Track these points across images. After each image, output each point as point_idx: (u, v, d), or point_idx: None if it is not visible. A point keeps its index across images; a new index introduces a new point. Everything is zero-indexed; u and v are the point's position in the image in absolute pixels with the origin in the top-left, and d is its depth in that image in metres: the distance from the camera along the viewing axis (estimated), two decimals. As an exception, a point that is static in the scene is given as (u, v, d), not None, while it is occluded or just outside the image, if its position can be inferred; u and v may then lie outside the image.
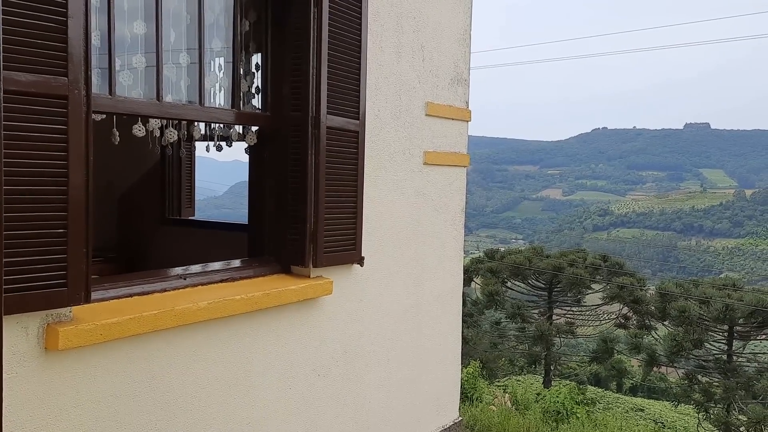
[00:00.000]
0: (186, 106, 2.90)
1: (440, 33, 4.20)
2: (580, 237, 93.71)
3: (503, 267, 21.82)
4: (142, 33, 2.68)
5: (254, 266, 3.20)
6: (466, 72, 4.54)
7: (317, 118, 3.15)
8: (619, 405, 21.10)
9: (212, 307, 2.68)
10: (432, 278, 4.31)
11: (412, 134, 3.99)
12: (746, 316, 16.92)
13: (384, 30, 3.67)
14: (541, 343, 20.25)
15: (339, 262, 3.38)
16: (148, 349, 2.48)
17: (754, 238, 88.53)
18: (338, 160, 3.29)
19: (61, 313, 2.18)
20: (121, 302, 2.48)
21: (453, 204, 4.49)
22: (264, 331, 3.02)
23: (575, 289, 21.34)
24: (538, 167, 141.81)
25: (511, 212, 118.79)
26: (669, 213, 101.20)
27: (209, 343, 2.75)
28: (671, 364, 18.58)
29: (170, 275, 2.84)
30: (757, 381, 16.20)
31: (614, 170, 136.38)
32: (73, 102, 2.12)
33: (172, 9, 2.85)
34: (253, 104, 3.40)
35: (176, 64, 2.88)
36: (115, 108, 2.53)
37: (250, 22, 3.24)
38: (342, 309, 3.50)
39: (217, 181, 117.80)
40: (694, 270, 75.09)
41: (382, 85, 3.69)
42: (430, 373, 4.38)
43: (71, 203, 2.14)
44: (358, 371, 3.67)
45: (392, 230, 3.87)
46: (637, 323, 19.71)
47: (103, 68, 2.49)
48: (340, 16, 3.23)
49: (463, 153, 4.56)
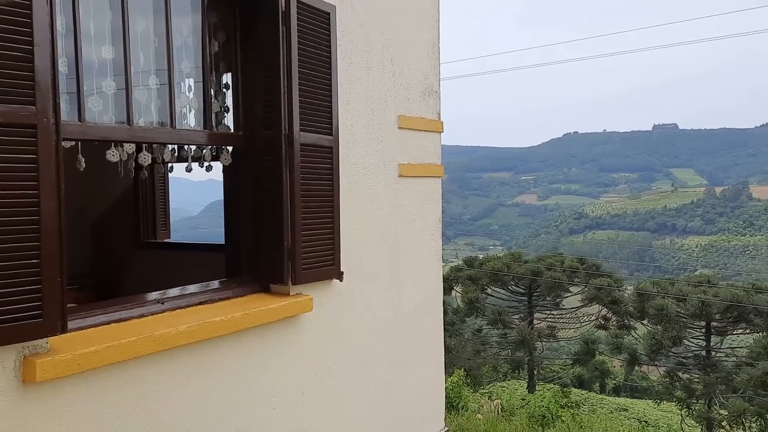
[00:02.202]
0: (157, 129, 2.89)
1: (409, 46, 4.24)
2: (556, 241, 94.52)
3: (482, 274, 21.93)
4: (110, 57, 2.66)
5: (233, 286, 3.18)
6: (437, 84, 4.58)
7: (290, 136, 3.16)
8: (604, 406, 21.22)
9: (192, 331, 2.65)
10: (412, 289, 4.32)
11: (385, 147, 4.01)
12: (722, 311, 17.21)
13: (353, 45, 3.69)
14: (523, 348, 20.34)
15: (318, 279, 3.37)
16: (129, 376, 2.45)
17: (726, 235, 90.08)
18: (313, 176, 3.29)
19: (37, 344, 2.14)
20: (98, 330, 2.45)
21: (429, 214, 4.52)
22: (246, 351, 3.00)
23: (554, 293, 21.53)
24: (513, 173, 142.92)
25: (488, 219, 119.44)
26: (642, 213, 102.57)
27: (191, 367, 2.72)
28: (652, 363, 18.80)
29: (148, 300, 2.81)
30: (736, 375, 16.44)
31: (587, 173, 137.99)
32: (42, 130, 2.10)
33: (140, 32, 2.84)
34: (225, 124, 3.39)
35: (146, 87, 2.87)
36: (85, 134, 2.51)
37: (219, 43, 3.24)
38: (323, 325, 3.49)
39: (192, 201, 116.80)
40: (670, 268, 76.15)
41: (354, 99, 3.71)
42: (415, 384, 4.38)
43: (44, 232, 2.12)
44: (342, 386, 3.66)
45: (370, 244, 3.87)
46: (616, 323, 19.91)
47: (71, 93, 2.47)
48: (309, 33, 3.24)
49: (438, 164, 4.59)
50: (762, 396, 15.22)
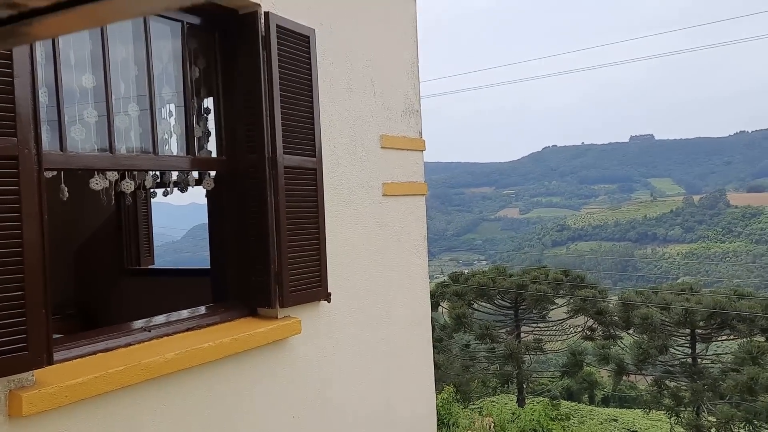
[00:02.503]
0: (140, 156, 2.87)
1: (389, 67, 4.28)
2: (540, 253, 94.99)
3: (468, 289, 21.96)
4: (91, 86, 2.65)
5: (220, 311, 3.15)
6: (417, 103, 4.61)
7: (274, 159, 3.16)
8: (593, 417, 21.25)
9: (180, 358, 2.63)
10: (400, 308, 4.32)
11: (369, 167, 4.02)
12: (706, 318, 17.36)
13: (334, 67, 3.71)
14: (511, 362, 20.33)
15: (306, 301, 3.36)
16: (117, 406, 2.41)
17: (705, 242, 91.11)
18: (298, 198, 3.29)
19: (23, 377, 2.11)
20: (84, 361, 2.41)
21: (415, 232, 4.53)
22: (235, 377, 2.97)
23: (540, 306, 21.59)
24: (494, 188, 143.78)
25: (472, 234, 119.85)
26: (623, 223, 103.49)
27: (180, 394, 2.69)
28: (639, 372, 18.86)
29: (134, 328, 2.78)
30: (722, 381, 16.55)
31: (567, 186, 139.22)
32: (23, 161, 2.09)
33: (120, 60, 2.84)
34: (207, 149, 3.38)
35: (127, 114, 2.86)
36: (67, 164, 2.50)
37: (200, 69, 3.25)
38: (312, 347, 3.47)
39: (174, 225, 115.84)
40: (652, 277, 76.70)
41: (336, 121, 3.72)
42: (405, 403, 4.36)
43: (27, 264, 2.09)
44: (333, 408, 3.63)
45: (357, 264, 3.87)
46: (602, 334, 19.99)
47: (52, 122, 2.46)
48: (290, 56, 3.26)
49: (421, 182, 4.61)
50: (749, 401, 15.33)
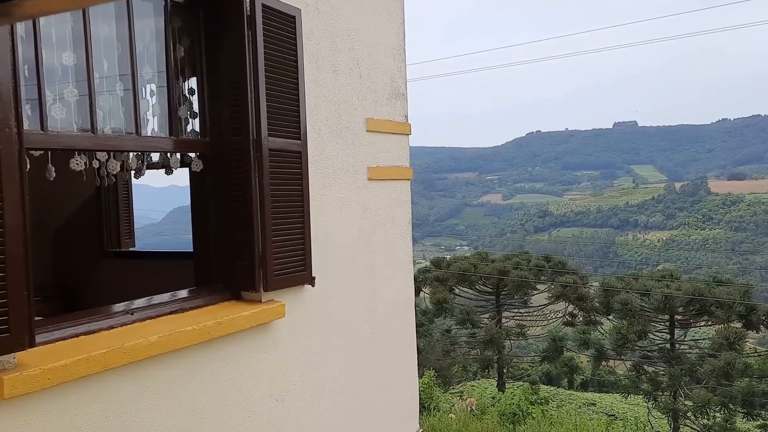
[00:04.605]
0: (122, 136, 2.83)
1: (375, 49, 4.25)
2: (522, 239, 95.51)
3: (450, 274, 22.03)
4: (72, 63, 2.60)
5: (203, 295, 3.14)
6: (403, 86, 4.59)
7: (258, 141, 3.13)
8: (572, 401, 21.52)
9: (163, 341, 2.61)
10: (384, 292, 4.32)
11: (354, 151, 4.00)
12: (685, 304, 17.58)
13: (320, 49, 3.68)
14: (492, 347, 20.48)
15: (290, 284, 3.35)
16: (100, 389, 2.40)
17: (686, 229, 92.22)
18: (282, 181, 3.27)
19: (4, 360, 2.08)
20: (67, 343, 2.39)
21: (400, 217, 4.52)
22: (219, 360, 2.97)
23: (521, 291, 21.73)
24: (477, 174, 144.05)
25: (454, 219, 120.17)
26: (605, 210, 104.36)
27: (163, 378, 2.68)
28: (619, 357, 19.11)
29: (117, 311, 2.75)
30: (699, 366, 16.81)
31: (550, 172, 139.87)
32: (4, 141, 2.05)
33: (103, 37, 2.79)
34: (193, 130, 3.34)
35: (110, 93, 2.81)
36: (48, 143, 2.45)
37: (184, 48, 3.20)
38: (296, 331, 3.46)
39: (153, 208, 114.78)
40: (633, 263, 77.54)
41: (321, 103, 3.70)
42: (389, 387, 4.38)
43: (8, 245, 2.06)
44: (317, 391, 3.64)
45: (342, 247, 3.86)
46: (583, 320, 20.20)
47: (33, 100, 2.41)
48: (275, 37, 3.22)
49: (406, 166, 4.60)
50: (725, 386, 15.61)
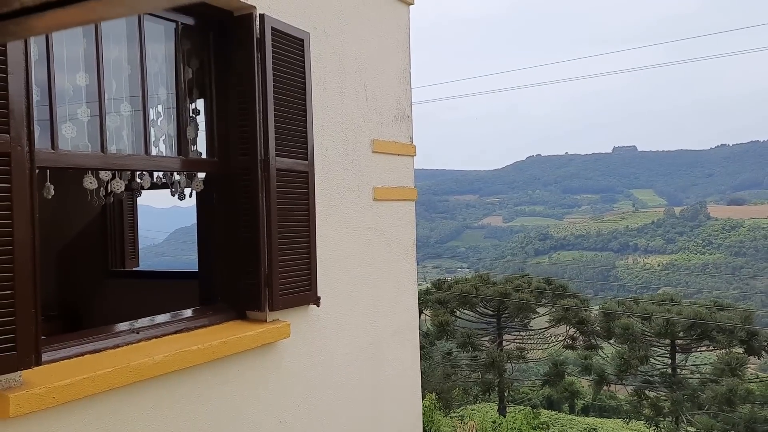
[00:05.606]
0: (131, 156, 2.85)
1: (381, 72, 4.29)
2: (522, 262, 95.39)
3: (451, 297, 21.96)
4: (83, 84, 2.63)
5: (208, 314, 3.13)
6: (408, 108, 4.62)
7: (266, 161, 3.15)
8: (573, 426, 21.31)
9: (169, 360, 2.60)
10: (389, 313, 4.31)
11: (360, 171, 4.02)
12: (686, 329, 17.50)
13: (327, 71, 3.71)
14: (493, 370, 20.35)
15: (295, 304, 3.34)
16: (105, 408, 2.38)
17: (686, 253, 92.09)
18: (289, 201, 3.28)
19: (10, 378, 2.07)
20: (73, 362, 2.38)
21: (404, 237, 4.53)
22: (224, 380, 2.95)
23: (522, 314, 21.63)
24: (478, 196, 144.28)
25: (455, 241, 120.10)
26: (605, 234, 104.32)
27: (168, 397, 2.66)
28: (620, 382, 18.96)
29: (122, 330, 2.75)
30: (701, 392, 16.69)
31: (551, 195, 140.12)
32: (15, 159, 2.06)
33: (113, 59, 2.82)
34: (198, 150, 3.36)
35: (119, 114, 2.83)
36: (58, 162, 2.47)
37: (193, 70, 3.23)
38: (301, 351, 3.45)
39: (155, 228, 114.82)
40: (633, 287, 77.30)
41: (328, 124, 3.72)
42: (393, 409, 4.35)
43: (17, 263, 2.06)
44: (322, 414, 3.61)
45: (347, 267, 3.86)
46: (584, 344, 20.09)
47: (44, 121, 2.43)
48: (284, 59, 3.25)
49: (411, 187, 4.62)
50: (727, 412, 15.47)
